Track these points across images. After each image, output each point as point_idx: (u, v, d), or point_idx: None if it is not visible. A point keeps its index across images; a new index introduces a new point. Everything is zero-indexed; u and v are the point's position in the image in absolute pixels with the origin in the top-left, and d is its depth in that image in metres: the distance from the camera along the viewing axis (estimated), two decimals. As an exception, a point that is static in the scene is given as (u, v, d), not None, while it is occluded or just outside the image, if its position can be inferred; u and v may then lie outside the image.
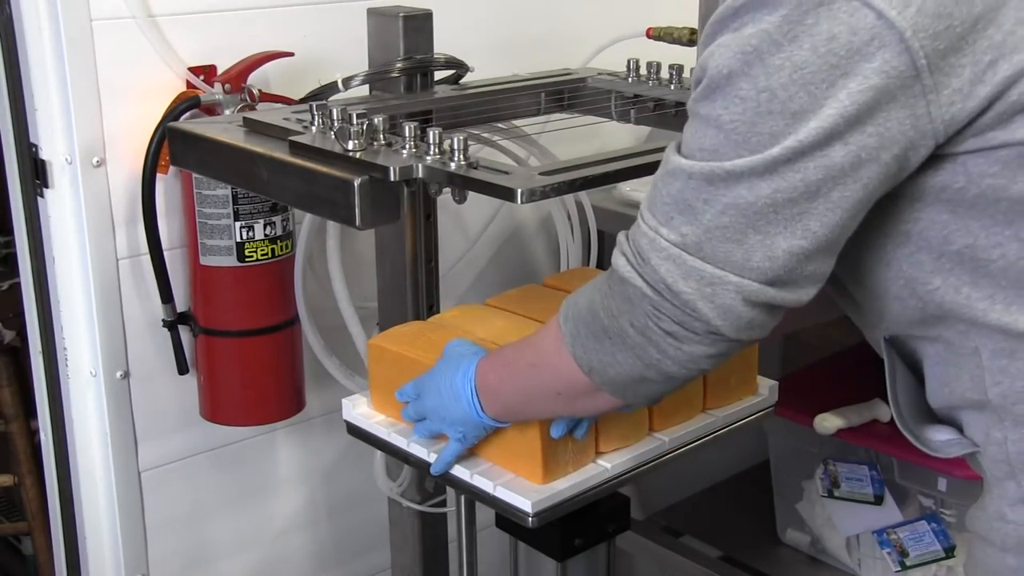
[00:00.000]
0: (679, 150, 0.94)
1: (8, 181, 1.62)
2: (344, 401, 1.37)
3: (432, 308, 1.57)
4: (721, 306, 0.91)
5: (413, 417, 1.26)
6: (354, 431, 1.36)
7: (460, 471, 1.23)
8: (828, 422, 1.91)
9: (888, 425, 1.95)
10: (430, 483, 1.62)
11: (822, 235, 0.89)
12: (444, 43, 1.56)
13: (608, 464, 1.23)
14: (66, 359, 1.63)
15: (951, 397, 1.00)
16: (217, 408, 1.67)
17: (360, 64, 1.54)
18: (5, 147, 1.61)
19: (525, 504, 1.17)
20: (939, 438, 1.04)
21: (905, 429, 1.04)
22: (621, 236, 0.98)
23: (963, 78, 0.85)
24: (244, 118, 1.41)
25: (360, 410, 1.36)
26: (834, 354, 2.26)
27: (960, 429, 1.02)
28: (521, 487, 1.19)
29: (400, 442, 1.29)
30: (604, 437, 1.25)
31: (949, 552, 1.86)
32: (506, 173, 1.15)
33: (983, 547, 1.01)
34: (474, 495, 1.23)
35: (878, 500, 1.93)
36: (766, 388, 1.41)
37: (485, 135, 1.64)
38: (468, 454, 1.24)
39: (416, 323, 1.42)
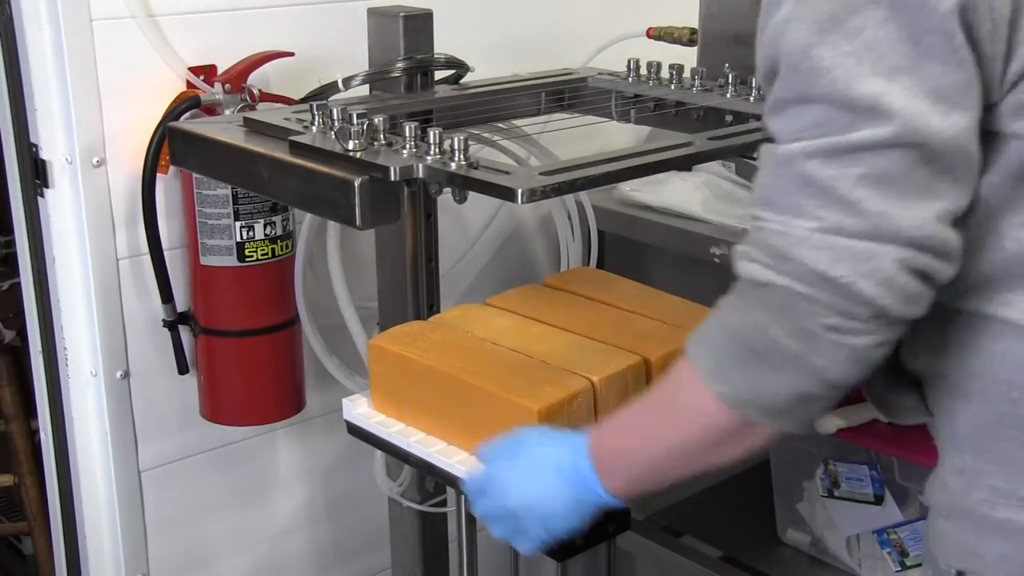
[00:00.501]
0: (777, 143, 0.90)
1: (8, 181, 1.62)
2: (344, 401, 1.37)
3: (432, 308, 1.57)
4: (883, 281, 0.85)
5: (500, 530, 1.12)
6: (354, 431, 1.36)
7: (460, 471, 1.23)
8: (828, 422, 1.91)
9: (889, 425, 1.95)
10: (430, 483, 1.61)
11: (957, 191, 0.87)
12: (444, 43, 1.56)
13: None
14: (66, 359, 1.63)
15: (917, 362, 1.01)
16: (217, 408, 1.67)
17: (360, 64, 1.54)
18: (5, 147, 1.61)
19: None
20: (902, 402, 1.04)
21: (866, 385, 1.03)
22: (740, 248, 0.92)
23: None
24: (244, 118, 1.41)
25: (360, 410, 1.36)
26: (834, 354, 2.26)
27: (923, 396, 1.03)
28: None
29: (400, 442, 1.29)
30: None
31: (949, 552, 1.86)
32: (506, 173, 1.15)
33: (931, 512, 1.03)
34: None
35: (878, 500, 1.93)
36: None
37: (485, 135, 1.64)
38: (468, 455, 1.24)
39: (416, 323, 1.42)
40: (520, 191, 1.10)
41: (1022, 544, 0.96)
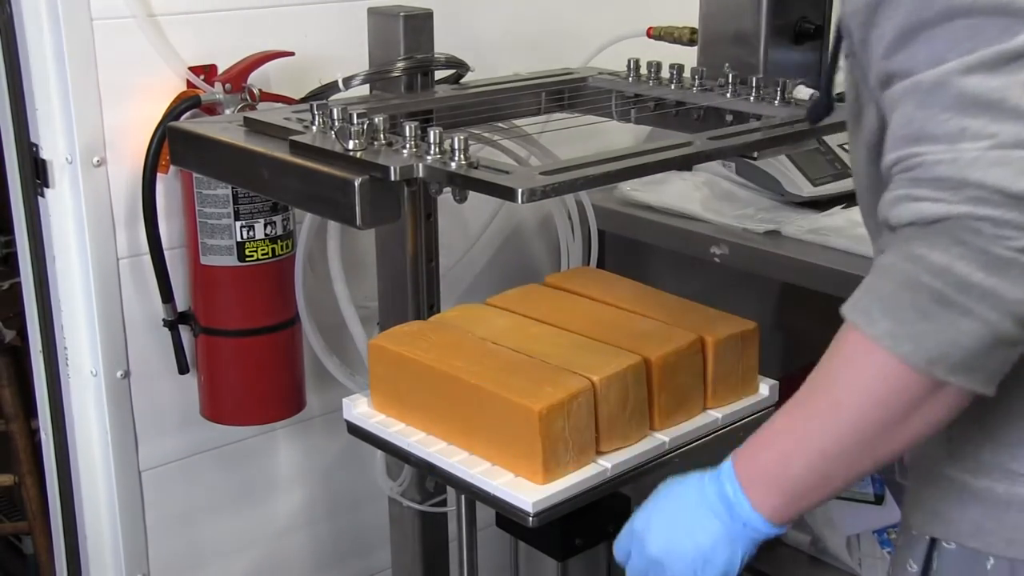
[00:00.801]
0: (912, 74, 0.84)
1: (8, 180, 1.62)
2: (345, 401, 1.37)
3: (433, 308, 1.57)
4: None
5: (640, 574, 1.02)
6: (355, 431, 1.36)
7: (460, 471, 1.23)
8: (828, 422, 1.91)
9: (888, 425, 1.95)
10: (430, 483, 1.62)
11: None
12: (444, 43, 1.56)
13: (608, 464, 1.23)
14: (66, 358, 1.63)
15: None
16: (217, 407, 1.67)
17: (360, 64, 1.54)
18: (5, 146, 1.61)
19: (526, 504, 1.17)
20: None
21: None
22: (893, 195, 0.84)
23: None
24: (245, 118, 1.41)
25: (360, 410, 1.36)
26: (834, 354, 2.26)
27: None
28: (521, 487, 1.19)
29: (400, 442, 1.29)
30: (605, 436, 1.24)
31: (949, 552, 1.86)
32: (507, 173, 1.14)
33: (910, 477, 1.04)
34: (475, 495, 1.23)
35: (879, 499, 1.93)
36: (767, 388, 1.41)
37: (486, 135, 1.63)
38: (468, 454, 1.25)
39: (416, 323, 1.42)
40: (520, 191, 1.10)
41: (998, 514, 0.95)
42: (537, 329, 1.36)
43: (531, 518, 1.18)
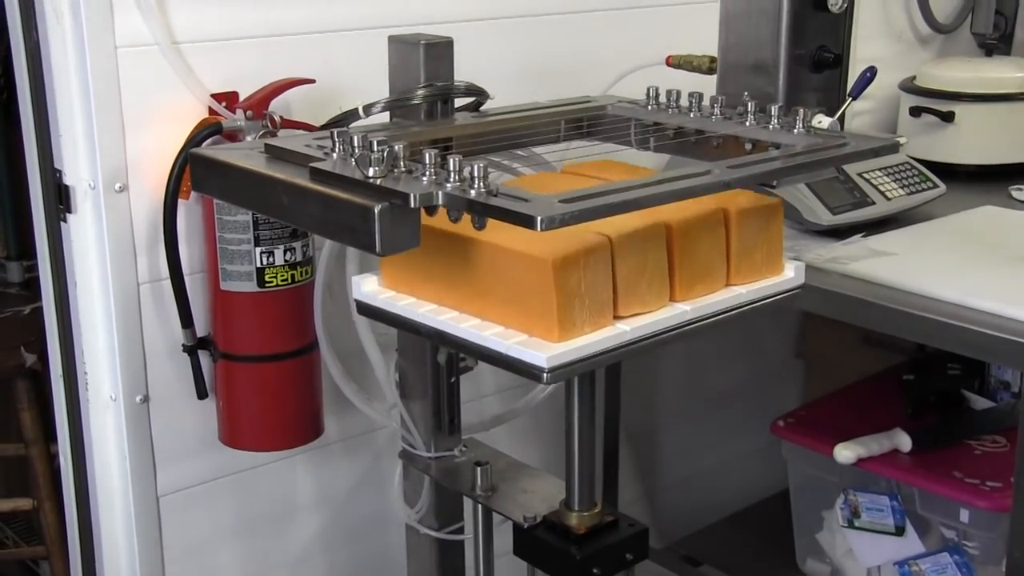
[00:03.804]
0: None
1: (32, 206, 1.63)
2: (353, 279, 1.35)
3: (451, 334, 1.57)
4: None
5: None
6: (364, 309, 1.34)
7: (472, 335, 1.20)
8: (848, 451, 1.90)
9: (909, 455, 1.93)
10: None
11: None
12: (464, 71, 1.56)
13: (627, 327, 1.20)
14: (86, 383, 1.64)
15: None
16: (236, 433, 1.67)
17: (381, 91, 1.55)
18: (30, 172, 1.62)
19: (540, 359, 1.14)
20: None
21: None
22: None
23: None
24: (265, 144, 1.41)
25: (369, 287, 1.33)
26: (854, 383, 2.25)
27: None
28: (536, 346, 1.16)
29: (410, 314, 1.26)
30: (623, 301, 1.21)
31: (971, 584, 1.84)
32: (526, 200, 1.14)
33: None
34: (488, 358, 1.20)
35: (899, 531, 1.91)
36: (792, 269, 1.37)
37: (505, 162, 1.64)
38: (480, 320, 1.21)
39: None
40: (539, 218, 1.09)
41: None
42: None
43: (545, 374, 1.14)
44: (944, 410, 2.08)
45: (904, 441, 1.93)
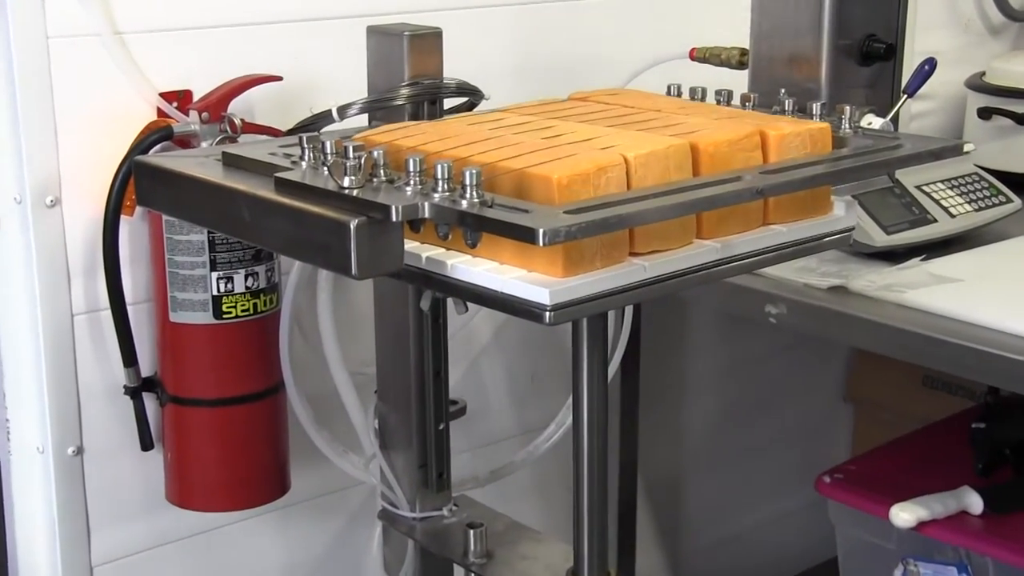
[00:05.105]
0: None
1: (-52, 224, 1.64)
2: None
3: (439, 374, 1.57)
4: None
5: None
6: None
7: (462, 272, 1.20)
8: (907, 513, 1.90)
9: (980, 518, 1.93)
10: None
11: None
12: (455, 67, 1.57)
13: (645, 263, 1.20)
14: (7, 432, 1.64)
15: None
16: (187, 490, 1.67)
17: (358, 90, 1.56)
18: (-54, 184, 1.63)
19: (541, 295, 1.13)
20: None
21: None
22: None
23: None
24: (223, 152, 1.42)
25: None
26: (913, 432, 2.25)
27: None
28: (537, 281, 1.15)
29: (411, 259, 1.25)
30: (641, 237, 1.21)
31: (1053, 669, 1.83)
32: (525, 211, 1.15)
33: None
34: (481, 299, 1.19)
35: (968, 605, 1.91)
36: (842, 207, 1.37)
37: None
38: (472, 257, 1.21)
39: (403, 122, 1.41)
40: (541, 232, 1.09)
41: None
42: (562, 123, 1.33)
43: (548, 312, 1.13)
44: (1020, 465, 2.08)
45: (974, 501, 1.93)
